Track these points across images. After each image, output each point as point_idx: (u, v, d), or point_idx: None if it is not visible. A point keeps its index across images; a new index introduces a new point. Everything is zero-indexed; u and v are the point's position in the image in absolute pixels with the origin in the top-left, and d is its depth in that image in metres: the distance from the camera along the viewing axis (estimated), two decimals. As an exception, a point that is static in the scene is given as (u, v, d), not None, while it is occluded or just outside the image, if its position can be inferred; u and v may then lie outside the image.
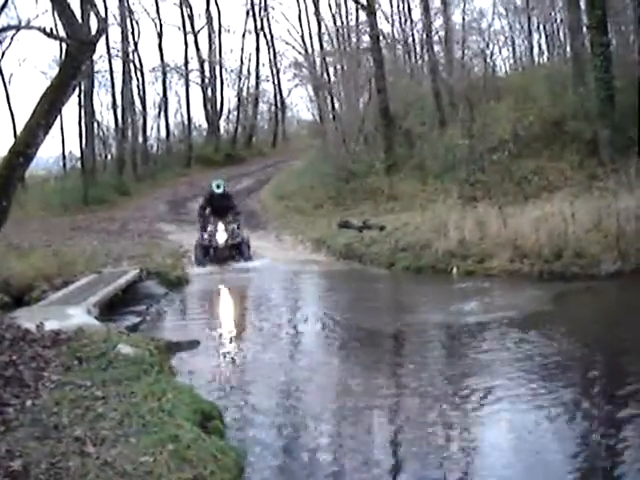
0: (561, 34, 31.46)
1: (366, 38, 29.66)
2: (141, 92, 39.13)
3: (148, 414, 4.89)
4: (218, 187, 17.46)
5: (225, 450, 4.54)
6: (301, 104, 52.46)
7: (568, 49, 25.83)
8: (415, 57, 35.38)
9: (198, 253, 16.68)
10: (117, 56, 35.88)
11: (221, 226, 16.71)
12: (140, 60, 39.03)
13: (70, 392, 5.44)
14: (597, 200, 13.43)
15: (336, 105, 31.67)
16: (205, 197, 17.96)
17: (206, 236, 16.71)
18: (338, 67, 32.93)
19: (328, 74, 34.58)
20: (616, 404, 5.82)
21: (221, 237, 16.61)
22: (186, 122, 41.84)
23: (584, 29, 20.82)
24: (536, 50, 34.79)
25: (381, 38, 28.29)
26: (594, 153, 18.41)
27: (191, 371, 7.34)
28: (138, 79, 38.73)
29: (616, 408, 5.71)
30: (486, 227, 13.93)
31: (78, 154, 33.37)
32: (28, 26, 8.32)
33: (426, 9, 28.16)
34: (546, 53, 33.65)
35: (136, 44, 38.33)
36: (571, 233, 12.41)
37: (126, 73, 35.58)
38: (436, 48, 29.06)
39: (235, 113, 45.37)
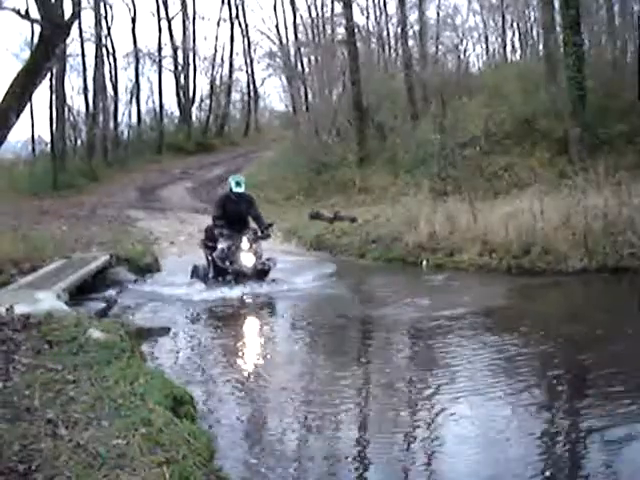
0: (534, 33, 31.80)
1: (341, 30, 29.80)
2: (113, 77, 38.99)
3: (120, 398, 4.90)
4: (238, 185, 12.27)
5: (197, 434, 4.57)
6: (274, 94, 52.50)
7: (541, 48, 26.11)
8: (389, 51, 35.48)
9: (204, 272, 12.23)
10: (90, 40, 35.62)
11: (245, 243, 11.72)
12: (113, 45, 38.92)
13: (41, 375, 5.43)
14: (566, 198, 13.59)
15: (309, 96, 31.72)
16: (218, 202, 12.64)
17: (217, 253, 11.85)
18: (312, 58, 32.99)
19: (302, 65, 34.62)
20: (577, 399, 5.92)
21: (248, 259, 11.69)
22: (158, 109, 41.67)
23: (557, 28, 21.06)
24: (509, 48, 35.14)
25: (356, 31, 28.32)
26: (564, 151, 18.65)
27: (162, 357, 7.36)
28: (110, 64, 38.56)
29: (578, 402, 5.81)
30: (456, 221, 14.05)
31: (47, 138, 33.07)
32: (1, 7, 8.25)
33: (401, 3, 28.25)
34: (519, 51, 33.99)
35: (109, 29, 38.14)
36: (539, 229, 12.57)
37: (98, 58, 35.32)
38: (410, 42, 29.21)
39: (207, 101, 45.24)
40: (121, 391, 5.05)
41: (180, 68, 42.40)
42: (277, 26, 41.46)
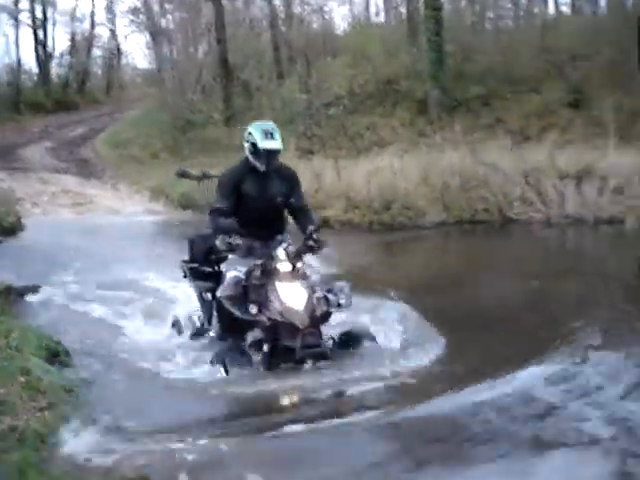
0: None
1: (206, -14, 29.41)
2: (-34, 31, 37.05)
3: (-4, 350, 5.00)
4: (269, 136, 5.93)
5: (73, 381, 4.76)
6: (137, 51, 51.31)
7: (403, 10, 26.70)
8: (255, 9, 35.34)
9: (198, 330, 6.50)
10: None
11: (285, 264, 5.72)
12: (-35, -3, 36.90)
13: None
14: (425, 156, 14.25)
15: (174, 54, 31.29)
16: (224, 183, 6.13)
17: (226, 288, 5.83)
18: (177, 15, 32.48)
19: (167, 22, 33.99)
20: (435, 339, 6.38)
21: (295, 296, 5.61)
22: (15, 65, 39.96)
23: (419, -9, 21.67)
24: (373, 10, 35.58)
25: (221, -12, 28.10)
26: (424, 112, 19.35)
27: (34, 313, 7.40)
28: (-37, 17, 36.63)
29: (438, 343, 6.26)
30: (321, 179, 14.46)
31: None
32: None
33: (267, -39, 28.20)
34: (382, 13, 34.50)
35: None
36: (400, 186, 13.17)
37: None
38: (276, 1, 29.24)
39: (68, 57, 43.76)
40: (-3, 344, 5.14)
41: (39, 22, 40.78)
42: (140, -20, 40.44)
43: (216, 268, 6.37)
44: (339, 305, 5.78)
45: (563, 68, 18.48)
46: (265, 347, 5.52)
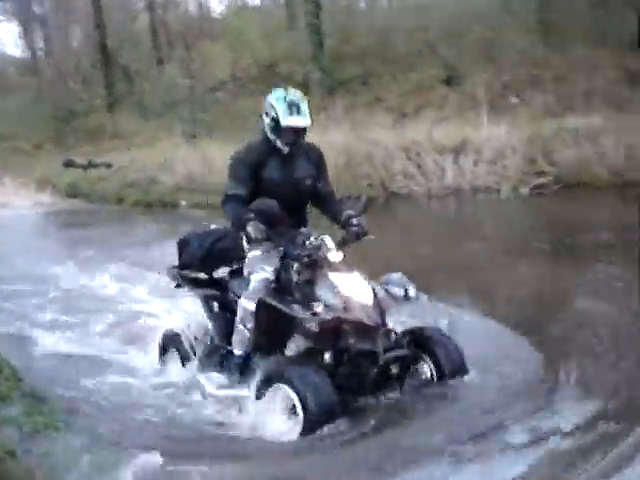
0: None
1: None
2: None
3: None
4: (295, 109, 4.62)
5: (2, 365, 4.99)
6: (8, 39, 49.48)
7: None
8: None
9: (210, 353, 4.93)
10: None
11: (334, 253, 4.31)
12: None
13: None
14: (309, 136, 14.68)
15: (51, 41, 30.62)
16: (238, 162, 4.67)
17: (259, 294, 4.43)
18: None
19: (41, 6, 33.14)
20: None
21: (361, 291, 4.26)
22: None
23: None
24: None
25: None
26: (306, 93, 19.73)
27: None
28: None
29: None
30: (210, 163, 14.71)
31: None
32: None
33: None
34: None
35: None
36: (288, 166, 13.60)
37: None
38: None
39: None
40: None
41: None
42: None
43: (214, 270, 5.00)
44: (407, 298, 4.50)
45: (436, 47, 19.29)
46: (327, 356, 4.22)
